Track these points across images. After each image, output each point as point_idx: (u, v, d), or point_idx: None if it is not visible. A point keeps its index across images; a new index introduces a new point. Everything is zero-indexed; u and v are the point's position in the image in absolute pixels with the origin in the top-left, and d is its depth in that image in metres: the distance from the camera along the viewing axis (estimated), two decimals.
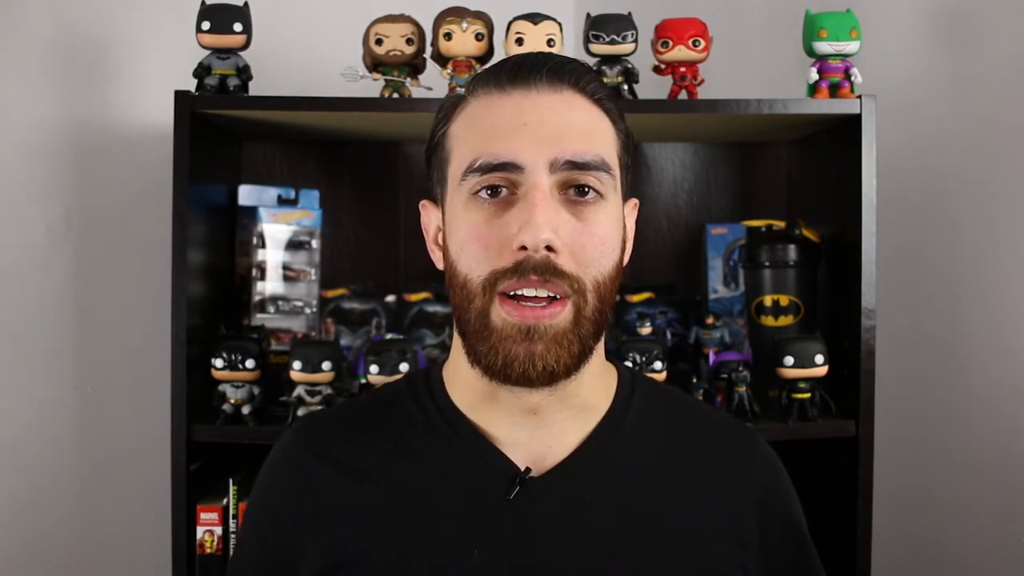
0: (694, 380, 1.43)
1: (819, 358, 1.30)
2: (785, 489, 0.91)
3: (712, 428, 0.92)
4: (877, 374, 1.31)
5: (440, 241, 0.84)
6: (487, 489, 0.80)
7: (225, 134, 1.50)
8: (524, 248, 0.74)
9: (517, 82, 0.78)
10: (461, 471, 0.82)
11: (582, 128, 0.78)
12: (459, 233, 0.78)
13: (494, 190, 0.77)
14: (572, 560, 0.79)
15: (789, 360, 1.30)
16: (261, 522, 0.87)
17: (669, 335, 1.54)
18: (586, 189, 0.77)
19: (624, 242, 0.83)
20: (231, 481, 1.33)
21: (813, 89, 1.35)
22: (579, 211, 0.77)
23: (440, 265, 0.84)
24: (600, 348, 0.83)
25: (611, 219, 0.79)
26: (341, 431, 0.88)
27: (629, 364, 1.27)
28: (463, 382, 0.83)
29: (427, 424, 0.85)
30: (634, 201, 0.88)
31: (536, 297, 0.75)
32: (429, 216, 0.87)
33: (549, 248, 0.74)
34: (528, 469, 0.81)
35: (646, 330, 1.40)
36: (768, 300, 1.45)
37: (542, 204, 0.74)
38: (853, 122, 1.32)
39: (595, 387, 0.85)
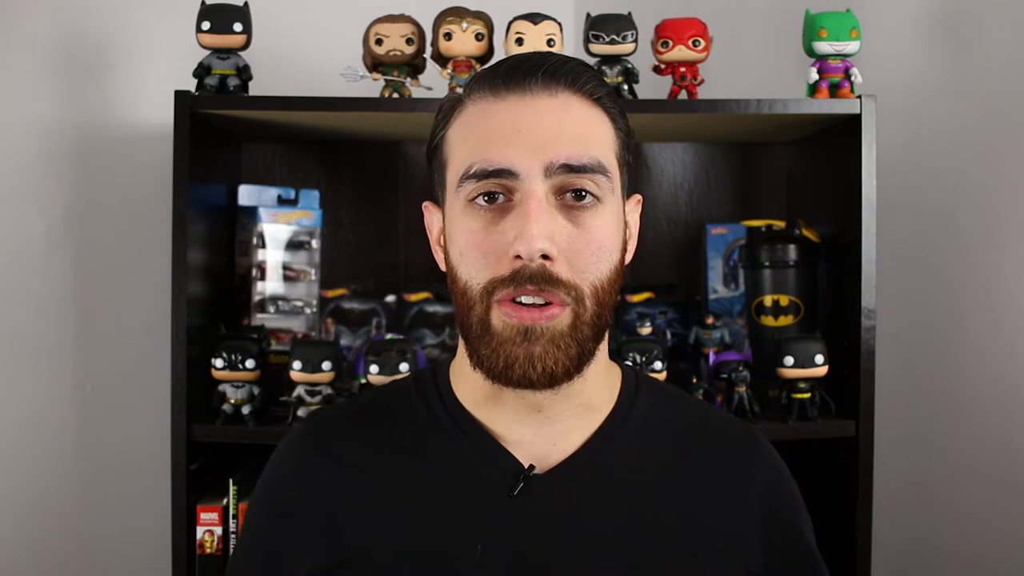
0: (694, 380, 1.43)
1: (819, 358, 1.30)
2: (789, 491, 0.91)
3: (715, 428, 0.92)
4: (877, 374, 1.31)
5: (442, 243, 0.84)
6: (491, 486, 0.81)
7: (225, 134, 1.50)
8: (519, 257, 0.74)
9: (512, 86, 0.78)
10: (466, 468, 0.82)
11: (578, 131, 0.78)
12: (458, 240, 0.79)
13: (491, 196, 0.77)
14: (575, 557, 0.79)
15: (789, 360, 1.30)
16: (264, 517, 0.87)
17: (669, 335, 1.54)
18: (583, 193, 0.77)
19: (625, 242, 0.83)
20: (231, 481, 1.33)
21: (813, 89, 1.35)
22: (576, 216, 0.77)
23: (443, 267, 0.84)
24: (604, 347, 0.84)
25: (609, 223, 0.79)
26: (346, 427, 0.89)
27: (629, 364, 1.27)
28: (469, 380, 0.84)
29: (432, 421, 0.85)
30: (637, 197, 0.88)
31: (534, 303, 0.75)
32: (432, 217, 0.88)
33: (545, 256, 0.74)
34: (532, 466, 0.81)
35: (646, 330, 1.40)
36: (768, 300, 1.45)
37: (536, 213, 0.74)
38: (853, 122, 1.32)
39: (600, 386, 0.85)
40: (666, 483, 0.84)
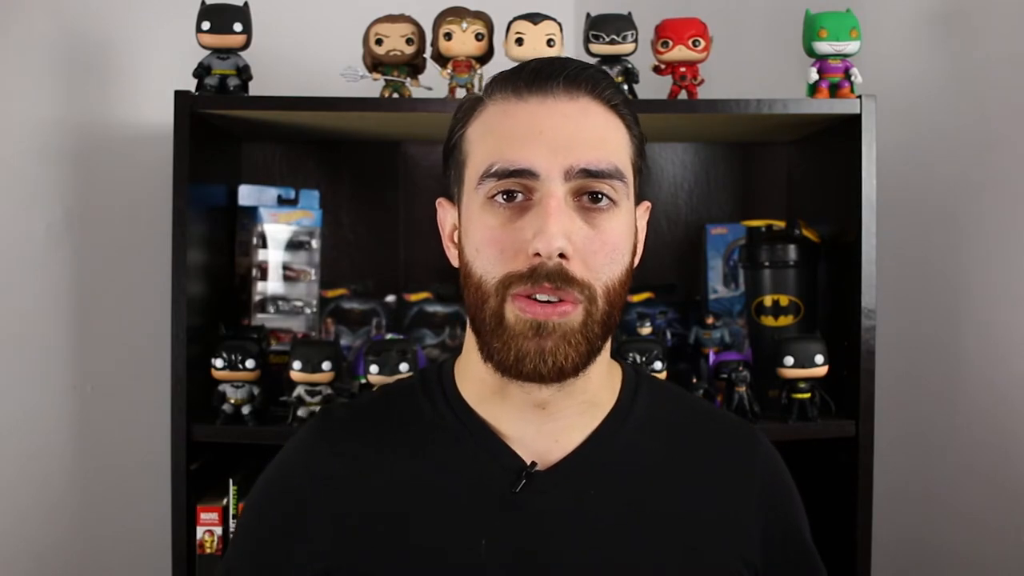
0: (694, 380, 1.43)
1: (819, 358, 1.30)
2: (786, 487, 0.92)
3: (715, 425, 0.93)
4: (877, 374, 1.31)
5: (456, 239, 0.85)
6: (494, 482, 0.82)
7: (225, 134, 1.50)
8: (538, 254, 0.75)
9: (534, 89, 0.79)
10: (468, 466, 0.83)
11: (597, 136, 0.79)
12: (475, 236, 0.80)
13: (510, 195, 0.78)
14: (576, 552, 0.80)
15: (789, 360, 1.30)
16: (268, 513, 0.88)
17: (669, 335, 1.54)
18: (599, 196, 0.78)
19: (636, 246, 0.84)
20: (231, 481, 1.33)
21: (813, 89, 1.35)
22: (592, 218, 0.78)
23: (455, 263, 0.85)
24: (607, 345, 0.85)
25: (623, 226, 0.80)
26: (354, 426, 0.90)
27: (629, 363, 1.27)
28: (474, 377, 0.85)
29: (437, 419, 0.86)
30: (646, 204, 0.90)
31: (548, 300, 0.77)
32: (446, 214, 0.88)
33: (562, 255, 0.76)
34: (533, 463, 0.82)
35: (646, 330, 1.40)
36: (768, 300, 1.45)
37: (556, 212, 0.75)
38: (853, 122, 1.32)
39: (602, 383, 0.87)
40: (666, 479, 0.86)
